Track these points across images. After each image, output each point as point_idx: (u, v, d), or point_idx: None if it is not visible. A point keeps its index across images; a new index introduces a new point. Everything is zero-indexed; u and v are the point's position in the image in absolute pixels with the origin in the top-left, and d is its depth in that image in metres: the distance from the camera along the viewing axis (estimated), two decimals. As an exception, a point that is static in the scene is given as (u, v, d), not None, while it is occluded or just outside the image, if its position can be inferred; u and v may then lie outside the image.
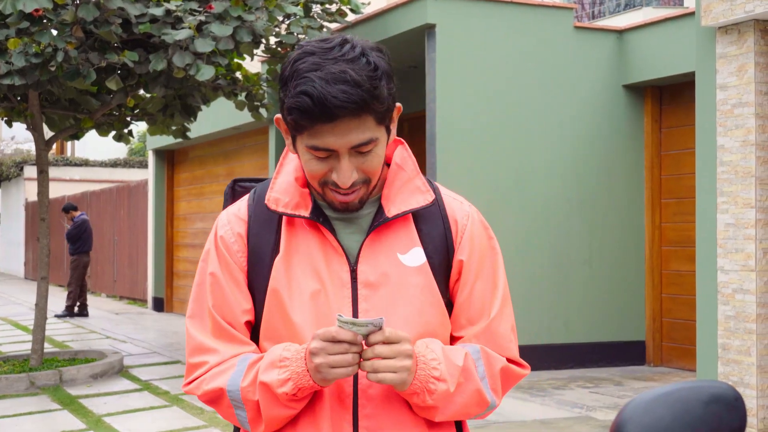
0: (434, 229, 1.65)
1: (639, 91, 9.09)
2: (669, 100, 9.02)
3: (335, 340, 1.46)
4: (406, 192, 1.63)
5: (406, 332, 1.53)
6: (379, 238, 1.62)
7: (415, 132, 10.92)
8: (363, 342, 1.48)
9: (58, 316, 14.08)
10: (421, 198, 1.63)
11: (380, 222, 1.61)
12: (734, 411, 1.10)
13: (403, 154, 1.69)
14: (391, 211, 1.62)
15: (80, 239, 14.27)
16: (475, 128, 8.32)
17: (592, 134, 8.88)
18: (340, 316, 1.45)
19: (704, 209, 6.32)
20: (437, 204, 1.67)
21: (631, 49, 8.93)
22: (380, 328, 1.47)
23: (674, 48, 8.42)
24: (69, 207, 14.59)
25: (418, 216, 1.64)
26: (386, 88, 1.52)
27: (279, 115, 1.61)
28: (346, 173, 1.53)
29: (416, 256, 1.61)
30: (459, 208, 1.70)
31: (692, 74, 7.94)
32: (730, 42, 6.06)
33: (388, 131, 1.59)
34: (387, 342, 1.48)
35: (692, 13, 8.08)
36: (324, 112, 1.46)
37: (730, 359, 6.05)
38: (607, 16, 13.04)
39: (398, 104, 1.59)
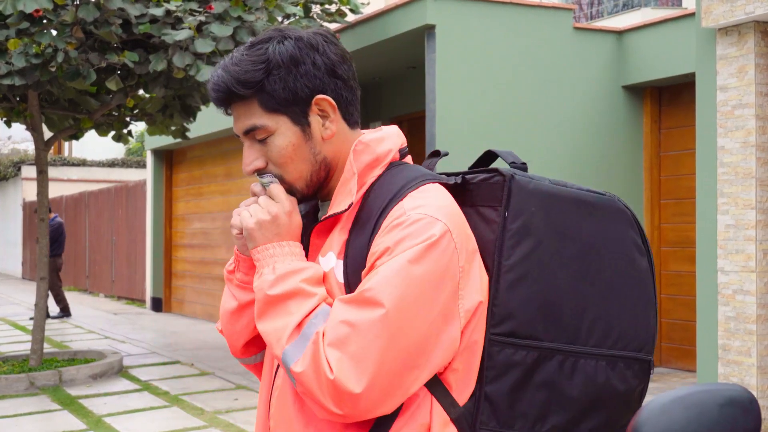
0: (362, 236, 1.52)
1: (638, 91, 9.11)
2: (668, 100, 9.03)
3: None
4: (340, 195, 1.57)
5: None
6: (318, 238, 1.62)
7: (414, 132, 10.93)
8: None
9: (53, 318, 14.08)
10: (345, 203, 1.55)
11: (314, 225, 1.62)
12: (749, 413, 1.11)
13: (351, 154, 1.58)
14: (325, 213, 1.61)
15: (56, 241, 14.23)
16: (474, 128, 8.33)
17: (592, 134, 8.89)
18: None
19: (704, 210, 6.33)
20: (374, 209, 1.53)
21: (630, 50, 8.95)
22: (276, 182, 1.58)
23: (674, 49, 8.44)
24: None
25: (357, 220, 1.55)
26: (279, 77, 1.53)
27: None
28: (244, 159, 1.59)
29: (328, 261, 1.56)
30: (397, 212, 1.49)
31: (692, 75, 7.95)
32: (731, 43, 6.08)
33: (301, 123, 1.55)
34: (269, 195, 1.57)
35: (691, 14, 8.10)
36: (211, 95, 1.59)
37: (730, 360, 6.07)
38: (606, 17, 13.06)
39: (320, 96, 1.55)
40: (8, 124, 9.00)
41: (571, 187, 1.58)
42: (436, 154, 1.69)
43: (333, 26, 9.50)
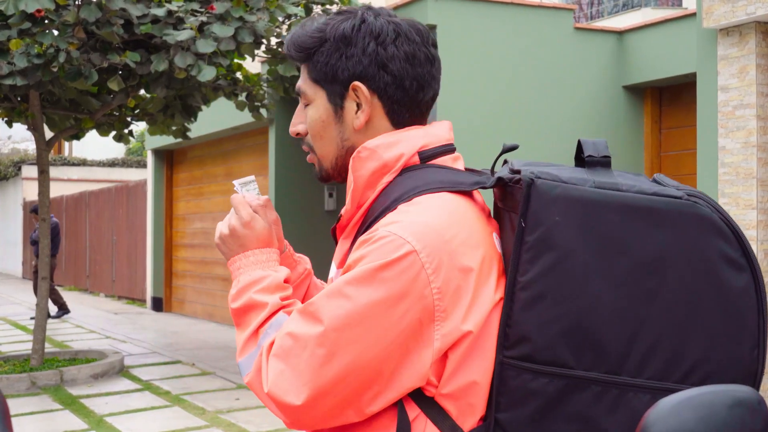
0: (352, 246, 1.48)
1: (639, 91, 9.12)
2: (669, 101, 9.04)
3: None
4: (346, 202, 1.53)
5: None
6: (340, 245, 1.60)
7: (414, 132, 10.95)
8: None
9: (53, 317, 14.09)
10: (344, 213, 1.53)
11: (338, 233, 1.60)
12: (757, 414, 1.12)
13: (351, 161, 1.50)
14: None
15: (52, 242, 14.27)
16: (475, 129, 8.34)
17: (592, 135, 8.90)
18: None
19: (705, 210, 6.34)
20: (369, 220, 1.48)
21: (631, 50, 8.96)
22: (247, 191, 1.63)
23: (674, 49, 8.45)
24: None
25: (360, 229, 1.51)
26: (326, 51, 1.49)
27: None
28: (293, 119, 1.59)
29: (332, 269, 1.55)
30: (374, 228, 1.41)
31: (692, 75, 7.97)
32: (732, 44, 6.09)
33: (335, 104, 1.51)
34: (232, 204, 1.59)
35: (692, 14, 8.11)
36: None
37: (731, 360, 6.08)
38: (606, 17, 13.08)
39: (358, 83, 1.48)
40: (9, 124, 9.01)
41: (629, 190, 1.34)
42: (508, 149, 1.51)
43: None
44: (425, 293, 1.33)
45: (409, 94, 1.50)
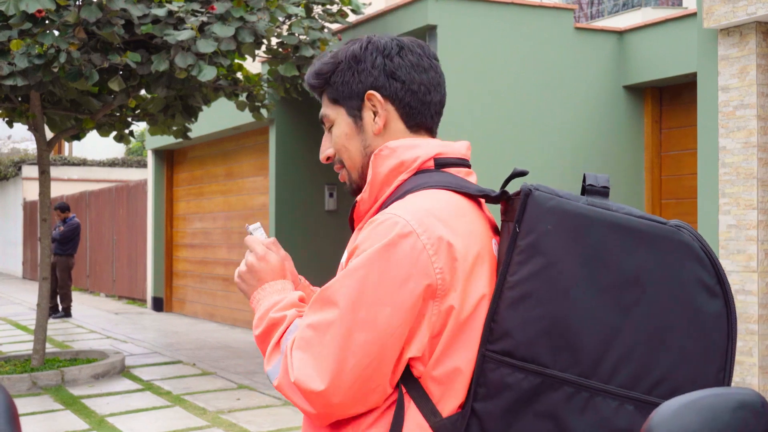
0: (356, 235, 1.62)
1: (639, 91, 9.12)
2: (669, 100, 9.05)
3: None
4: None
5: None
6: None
7: (415, 132, 10.94)
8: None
9: (56, 317, 14.10)
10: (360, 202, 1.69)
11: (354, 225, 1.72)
12: (761, 417, 1.13)
13: (372, 157, 1.64)
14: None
15: (72, 241, 14.36)
16: (475, 128, 8.34)
17: (592, 135, 8.91)
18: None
19: (706, 210, 6.35)
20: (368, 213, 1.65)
21: (631, 50, 8.96)
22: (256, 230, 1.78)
23: (674, 49, 8.45)
24: (64, 207, 14.61)
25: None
26: (341, 72, 1.66)
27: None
28: (321, 146, 1.74)
29: (344, 256, 1.63)
30: (387, 210, 1.54)
31: (692, 75, 7.97)
32: (732, 44, 6.09)
33: (354, 116, 1.67)
34: (246, 244, 1.74)
35: (692, 14, 8.11)
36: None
37: (731, 360, 6.08)
38: (606, 16, 13.08)
39: (371, 92, 1.64)
40: (10, 124, 9.02)
41: (618, 210, 1.44)
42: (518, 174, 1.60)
43: (334, 26, 9.51)
44: (429, 271, 1.44)
45: (418, 96, 1.66)
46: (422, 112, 1.67)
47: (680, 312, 1.42)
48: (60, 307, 14.38)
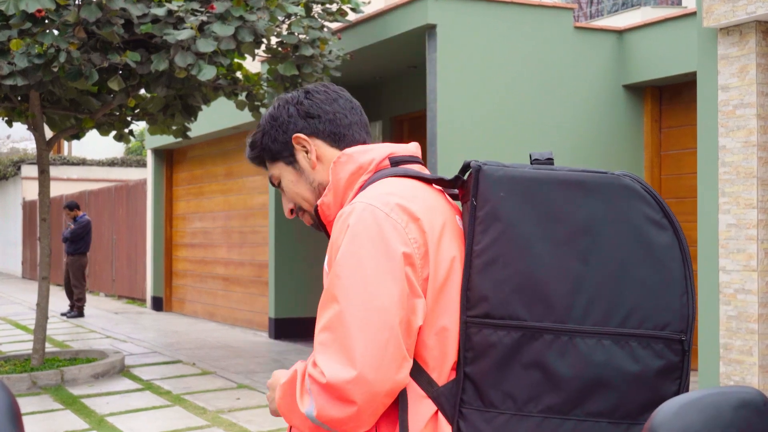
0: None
1: (639, 91, 9.12)
2: (669, 100, 9.05)
3: None
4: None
5: None
6: None
7: (415, 132, 10.94)
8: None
9: (67, 316, 14.11)
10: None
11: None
12: (763, 415, 1.13)
13: (332, 165, 1.79)
14: None
15: (82, 240, 14.37)
16: (475, 128, 8.34)
17: (592, 134, 8.91)
18: None
19: (706, 210, 6.35)
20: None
21: (630, 49, 8.96)
22: None
23: (674, 48, 8.45)
24: (73, 205, 14.58)
25: None
26: (267, 133, 1.86)
27: None
28: (283, 207, 1.91)
29: (327, 257, 1.72)
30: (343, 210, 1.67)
31: (692, 74, 7.97)
32: (732, 43, 6.09)
33: (291, 163, 1.84)
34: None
35: (692, 14, 8.11)
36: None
37: (732, 359, 6.08)
38: (605, 16, 13.08)
39: (295, 135, 1.82)
40: (10, 123, 9.01)
41: (561, 170, 1.57)
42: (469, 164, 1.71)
43: (334, 25, 9.51)
44: (404, 239, 1.56)
45: (337, 122, 1.83)
46: (348, 134, 1.83)
47: (635, 248, 1.54)
48: (74, 306, 14.37)
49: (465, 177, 1.66)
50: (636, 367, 1.51)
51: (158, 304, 15.33)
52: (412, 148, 1.82)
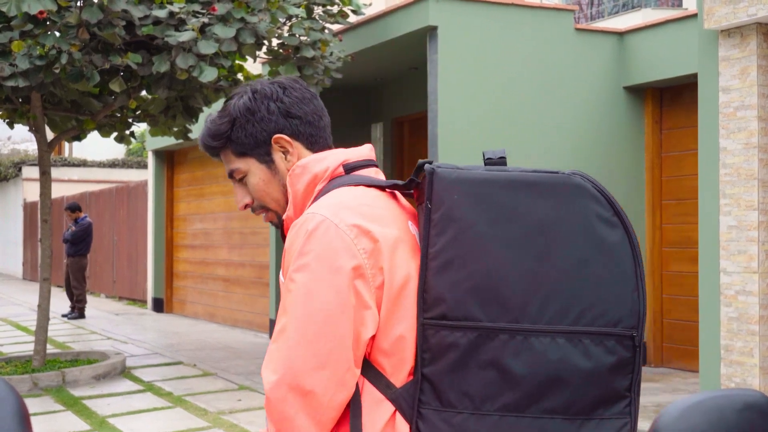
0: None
1: (639, 92, 9.13)
2: (669, 101, 9.05)
3: None
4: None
5: None
6: None
7: (415, 133, 10.95)
8: None
9: (68, 317, 14.10)
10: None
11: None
12: (766, 418, 1.14)
13: (287, 177, 1.80)
14: None
15: (83, 241, 14.37)
16: (476, 129, 8.35)
17: (593, 135, 8.92)
18: None
19: (707, 211, 6.36)
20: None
21: (631, 51, 8.97)
22: None
23: (675, 50, 8.46)
24: (75, 206, 14.58)
25: None
26: (241, 126, 1.81)
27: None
28: (235, 197, 1.87)
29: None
30: (296, 221, 1.68)
31: (693, 76, 7.98)
32: (733, 45, 6.10)
33: (266, 162, 1.81)
34: None
35: (693, 15, 8.12)
36: (201, 149, 1.92)
37: (732, 360, 6.09)
38: (606, 17, 13.08)
39: (277, 135, 1.79)
40: (11, 125, 9.01)
41: (513, 170, 1.59)
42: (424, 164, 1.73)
43: (335, 27, 9.52)
44: (353, 252, 1.57)
45: (314, 124, 1.83)
46: (321, 136, 1.85)
47: (588, 246, 1.56)
48: (75, 308, 14.37)
49: (419, 179, 1.67)
50: (589, 364, 1.53)
51: (159, 306, 15.33)
52: (366, 152, 1.83)
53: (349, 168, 1.78)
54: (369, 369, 1.60)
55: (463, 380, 1.56)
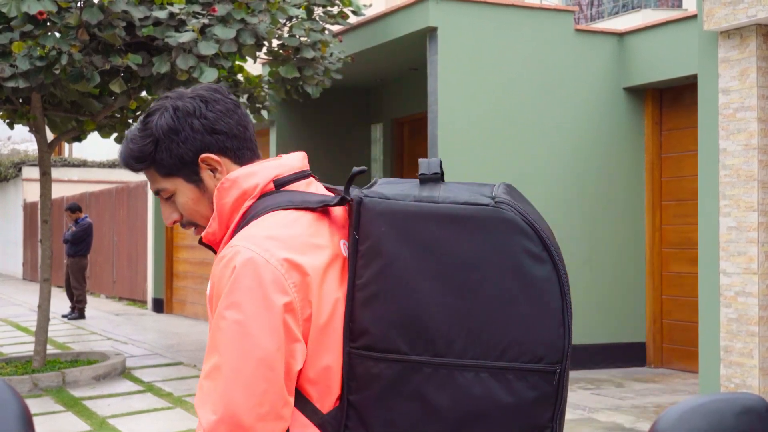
0: None
1: (639, 93, 9.14)
2: (669, 102, 9.06)
3: None
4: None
5: None
6: None
7: (415, 134, 10.95)
8: None
9: (68, 317, 14.11)
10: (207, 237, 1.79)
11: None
12: (765, 422, 1.14)
13: (215, 191, 1.73)
14: None
15: (83, 242, 14.38)
16: (476, 130, 8.35)
17: (593, 136, 8.92)
18: None
19: (707, 212, 6.36)
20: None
21: (631, 52, 8.97)
22: None
23: (675, 51, 8.47)
24: (75, 207, 14.60)
25: None
26: (165, 147, 1.72)
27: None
28: (162, 213, 1.81)
29: (209, 285, 1.70)
30: (226, 248, 1.64)
31: (693, 77, 7.98)
32: (733, 46, 6.10)
33: (194, 181, 1.74)
34: None
35: (693, 16, 8.13)
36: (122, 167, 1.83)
37: (732, 361, 6.09)
38: (606, 18, 13.09)
39: (204, 155, 1.71)
40: (11, 125, 9.02)
41: (443, 202, 1.56)
42: (357, 173, 1.71)
43: (335, 28, 9.53)
44: (284, 288, 1.54)
45: (239, 137, 1.76)
46: (248, 148, 1.77)
47: (515, 282, 1.54)
48: (75, 308, 14.38)
49: (350, 198, 1.63)
50: (512, 399, 1.53)
51: (159, 306, 15.33)
52: (298, 163, 1.77)
53: (281, 183, 1.73)
54: (296, 396, 1.60)
55: (389, 410, 1.56)
